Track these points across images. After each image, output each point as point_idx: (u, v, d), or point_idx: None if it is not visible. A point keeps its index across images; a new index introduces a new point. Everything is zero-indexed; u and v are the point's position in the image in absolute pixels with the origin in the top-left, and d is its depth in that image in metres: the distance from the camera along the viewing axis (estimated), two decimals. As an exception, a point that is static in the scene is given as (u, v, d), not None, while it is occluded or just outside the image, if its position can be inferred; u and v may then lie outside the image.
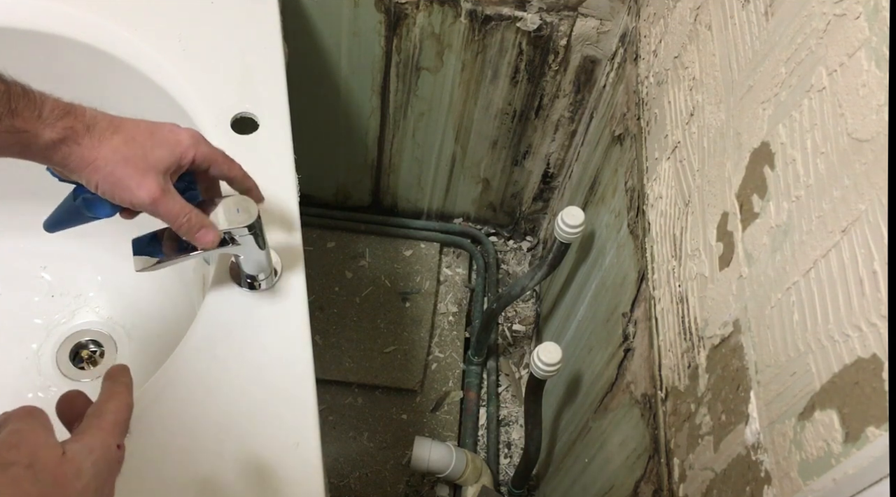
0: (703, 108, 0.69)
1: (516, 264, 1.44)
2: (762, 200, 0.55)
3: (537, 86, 1.15)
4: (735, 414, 0.54)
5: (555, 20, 1.05)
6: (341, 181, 1.36)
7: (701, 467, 0.59)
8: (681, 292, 0.68)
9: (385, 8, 1.05)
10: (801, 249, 0.48)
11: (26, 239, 0.93)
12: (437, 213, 1.43)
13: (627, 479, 0.75)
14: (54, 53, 0.79)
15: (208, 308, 0.63)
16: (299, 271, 0.66)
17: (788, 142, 0.52)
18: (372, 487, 1.15)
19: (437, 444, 1.10)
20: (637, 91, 0.90)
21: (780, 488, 0.47)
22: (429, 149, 1.28)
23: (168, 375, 0.59)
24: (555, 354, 0.86)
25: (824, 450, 0.43)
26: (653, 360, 0.71)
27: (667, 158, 0.77)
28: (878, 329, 0.40)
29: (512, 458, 1.23)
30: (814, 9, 0.51)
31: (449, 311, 1.34)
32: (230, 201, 0.58)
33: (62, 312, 0.92)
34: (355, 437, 1.19)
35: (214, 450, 0.56)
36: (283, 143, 0.74)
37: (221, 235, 0.57)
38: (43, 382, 0.87)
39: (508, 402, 1.28)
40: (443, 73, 1.14)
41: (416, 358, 1.26)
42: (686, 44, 0.75)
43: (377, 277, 1.35)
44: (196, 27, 0.81)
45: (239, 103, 0.76)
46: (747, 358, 0.54)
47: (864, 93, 0.43)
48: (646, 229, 0.79)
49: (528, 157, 1.29)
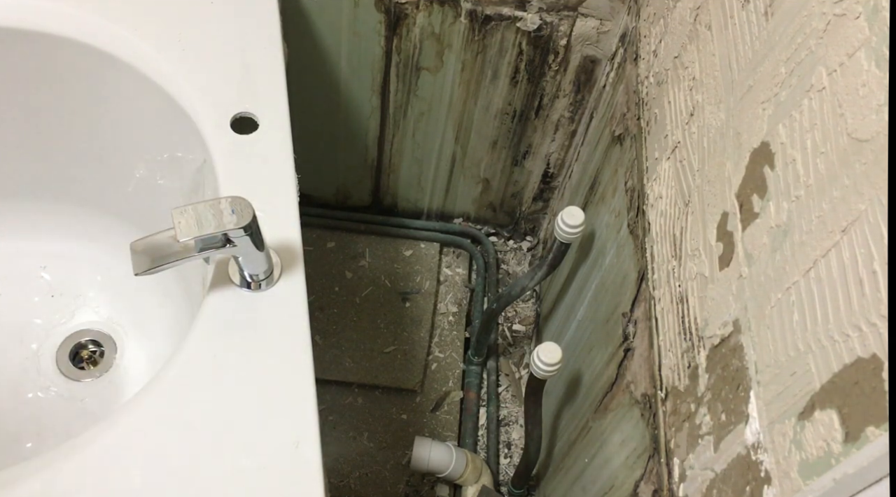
0: (703, 108, 0.69)
1: (516, 264, 1.44)
2: (762, 200, 0.55)
3: (537, 86, 1.15)
4: (735, 414, 0.54)
5: (555, 20, 1.05)
6: (341, 181, 1.36)
7: (701, 467, 0.59)
8: (681, 292, 0.68)
9: (385, 8, 1.05)
10: (801, 249, 0.48)
11: (26, 239, 0.93)
12: (437, 213, 1.43)
13: (627, 479, 0.75)
14: (54, 53, 0.79)
15: (208, 308, 0.63)
16: (299, 271, 0.66)
17: (788, 142, 0.52)
18: (372, 487, 1.15)
19: (437, 444, 1.10)
20: (637, 91, 0.90)
21: (780, 488, 0.47)
22: (429, 149, 1.28)
23: (168, 376, 0.59)
24: (555, 354, 0.86)
25: (824, 450, 0.43)
26: (653, 360, 0.71)
27: (667, 158, 0.77)
28: (878, 329, 0.40)
29: (512, 458, 1.23)
30: (814, 9, 0.51)
31: (449, 311, 1.34)
32: (225, 202, 0.57)
33: (62, 312, 0.92)
34: (355, 437, 1.19)
35: (214, 450, 0.56)
36: (283, 143, 0.74)
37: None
38: (43, 382, 0.87)
39: (508, 402, 1.28)
40: (443, 73, 1.14)
41: (416, 358, 1.26)
42: (686, 44, 0.75)
43: (377, 277, 1.35)
44: (196, 27, 0.81)
45: (239, 103, 0.76)
46: (747, 358, 0.54)
47: (864, 93, 0.43)
48: (646, 229, 0.79)
49: (528, 157, 1.29)
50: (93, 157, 0.89)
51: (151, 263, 0.58)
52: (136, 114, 0.82)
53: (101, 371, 0.89)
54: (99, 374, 0.88)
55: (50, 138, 0.88)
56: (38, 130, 0.87)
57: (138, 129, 0.84)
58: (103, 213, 0.94)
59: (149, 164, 0.85)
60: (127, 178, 0.88)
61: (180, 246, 0.57)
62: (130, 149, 0.86)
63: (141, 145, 0.84)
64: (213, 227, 0.56)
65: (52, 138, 0.88)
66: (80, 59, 0.79)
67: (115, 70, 0.78)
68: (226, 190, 0.70)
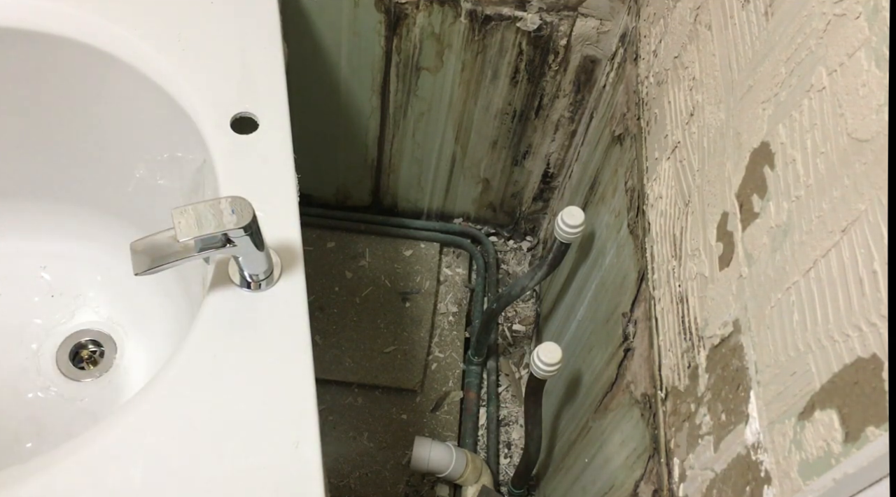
0: (703, 108, 0.69)
1: (516, 264, 1.44)
2: (762, 200, 0.55)
3: (537, 86, 1.15)
4: (735, 414, 0.54)
5: (555, 20, 1.05)
6: (341, 181, 1.36)
7: (701, 467, 0.59)
8: (681, 292, 0.68)
9: (385, 8, 1.05)
10: (801, 249, 0.48)
11: (26, 239, 0.93)
12: (437, 213, 1.43)
13: (627, 479, 0.75)
14: (54, 53, 0.79)
15: (208, 308, 0.63)
16: (299, 271, 0.66)
17: (788, 142, 0.52)
18: (372, 487, 1.15)
19: (437, 444, 1.10)
20: (637, 91, 0.90)
21: (780, 488, 0.47)
22: (429, 149, 1.28)
23: (168, 376, 0.59)
24: (555, 354, 0.86)
25: (824, 450, 0.43)
26: (653, 360, 0.71)
27: (667, 158, 0.77)
28: (878, 329, 0.40)
29: (512, 458, 1.23)
30: (814, 9, 0.51)
31: (449, 311, 1.34)
32: (225, 202, 0.57)
33: (62, 312, 0.92)
34: (355, 437, 1.19)
35: (214, 450, 0.56)
36: (283, 143, 0.74)
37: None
38: (43, 382, 0.87)
39: (508, 402, 1.28)
40: (443, 73, 1.14)
41: (416, 358, 1.26)
42: (686, 44, 0.75)
43: (377, 277, 1.35)
44: (196, 27, 0.81)
45: (239, 103, 0.76)
46: (747, 358, 0.54)
47: (864, 93, 0.43)
48: (646, 229, 0.79)
49: (528, 157, 1.29)
50: (93, 158, 0.89)
51: (151, 263, 0.58)
52: (136, 114, 0.82)
53: (101, 371, 0.89)
54: (99, 374, 0.88)
55: (50, 138, 0.88)
56: (38, 130, 0.87)
57: (138, 129, 0.84)
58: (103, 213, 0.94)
59: (149, 164, 0.85)
60: (127, 178, 0.88)
61: (180, 246, 0.57)
62: (130, 149, 0.86)
63: (141, 145, 0.84)
64: (213, 227, 0.56)
65: (52, 138, 0.88)
66: (80, 59, 0.79)
67: (115, 70, 0.78)
68: (226, 190, 0.70)
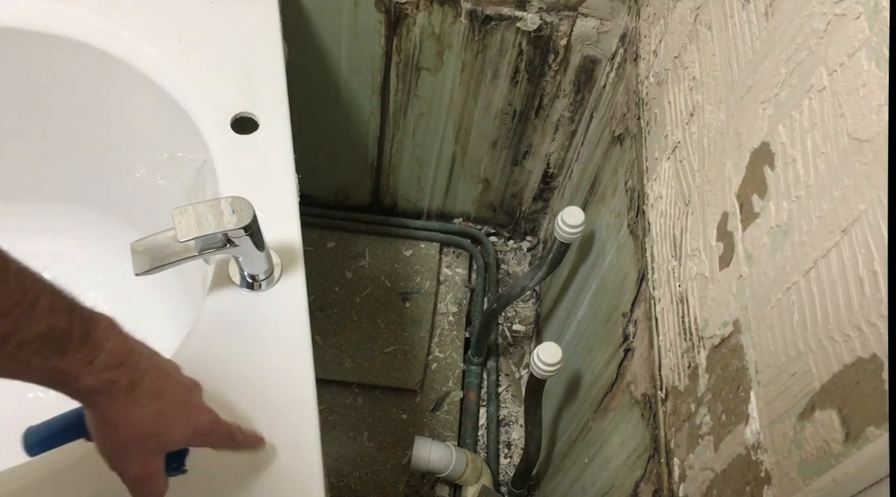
0: (703, 108, 0.69)
1: (516, 264, 1.44)
2: (762, 200, 0.55)
3: (537, 86, 1.15)
4: (735, 414, 0.54)
5: (555, 20, 1.05)
6: (341, 181, 1.36)
7: (701, 467, 0.59)
8: (681, 292, 0.68)
9: (385, 8, 1.05)
10: (801, 249, 0.48)
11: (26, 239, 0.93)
12: (437, 213, 1.43)
13: (627, 479, 0.75)
14: (54, 53, 0.79)
15: (208, 308, 0.63)
16: (299, 271, 0.66)
17: (788, 142, 0.52)
18: (372, 487, 1.15)
19: (437, 444, 1.10)
20: (637, 91, 0.90)
21: (780, 488, 0.47)
22: (429, 149, 1.28)
23: (168, 375, 0.59)
24: (555, 354, 0.86)
25: (824, 450, 0.43)
26: (653, 360, 0.71)
27: (667, 158, 0.77)
28: (878, 329, 0.40)
29: (512, 458, 1.23)
30: (814, 9, 0.51)
31: (449, 311, 1.34)
32: (225, 202, 0.57)
33: (62, 312, 0.91)
34: (355, 437, 1.19)
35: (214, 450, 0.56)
36: (283, 143, 0.74)
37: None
38: (43, 382, 0.87)
39: (508, 402, 1.28)
40: (443, 73, 1.14)
41: (416, 358, 1.26)
42: (686, 44, 0.75)
43: (377, 277, 1.35)
44: (196, 27, 0.81)
45: (239, 103, 0.76)
46: (747, 358, 0.54)
47: (864, 93, 0.43)
48: (646, 229, 0.79)
49: (528, 157, 1.29)
50: (93, 158, 0.89)
51: (152, 263, 0.58)
52: (136, 114, 0.82)
53: (101, 371, 0.88)
54: (99, 374, 0.88)
55: (50, 138, 0.88)
56: (38, 131, 0.87)
57: (138, 130, 0.84)
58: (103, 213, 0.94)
59: (149, 164, 0.85)
60: (127, 178, 0.88)
61: (181, 246, 0.57)
62: (130, 149, 0.86)
63: (141, 145, 0.84)
64: (213, 228, 0.56)
65: (52, 138, 0.88)
66: (80, 59, 0.79)
67: (115, 70, 0.78)
68: (226, 190, 0.70)
